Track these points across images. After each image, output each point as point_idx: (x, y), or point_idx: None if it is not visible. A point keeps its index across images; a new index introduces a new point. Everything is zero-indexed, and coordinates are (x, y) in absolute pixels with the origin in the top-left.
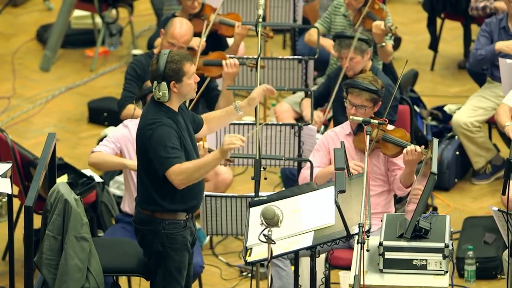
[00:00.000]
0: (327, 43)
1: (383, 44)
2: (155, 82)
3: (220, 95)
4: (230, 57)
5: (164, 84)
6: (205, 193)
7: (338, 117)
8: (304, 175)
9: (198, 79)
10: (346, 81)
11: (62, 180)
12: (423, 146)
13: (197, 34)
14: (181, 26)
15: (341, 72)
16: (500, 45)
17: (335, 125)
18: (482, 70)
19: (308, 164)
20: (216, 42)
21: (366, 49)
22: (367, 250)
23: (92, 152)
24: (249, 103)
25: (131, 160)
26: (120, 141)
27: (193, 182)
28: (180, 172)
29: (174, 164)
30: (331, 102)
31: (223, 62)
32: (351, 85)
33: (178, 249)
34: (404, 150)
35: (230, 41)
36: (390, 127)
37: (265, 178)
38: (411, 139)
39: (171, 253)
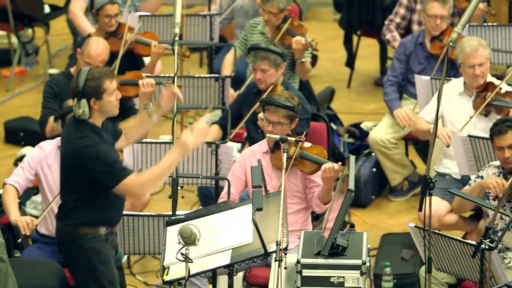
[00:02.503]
0: None
1: (303, 60)
2: (76, 99)
3: (137, 114)
4: (147, 76)
5: (84, 101)
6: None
7: (253, 135)
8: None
9: (120, 96)
10: (263, 98)
11: None
12: (340, 163)
13: (114, 53)
14: (97, 46)
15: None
16: (396, 113)
17: (250, 143)
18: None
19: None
20: (132, 61)
21: (281, 62)
22: (285, 268)
23: (4, 184)
24: (160, 106)
25: (15, 215)
26: (35, 165)
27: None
28: (142, 183)
29: (128, 174)
30: (244, 120)
31: (140, 81)
32: (268, 102)
33: (105, 262)
34: (322, 167)
35: (146, 60)
36: (307, 144)
37: (183, 197)
38: (328, 156)
39: (100, 267)
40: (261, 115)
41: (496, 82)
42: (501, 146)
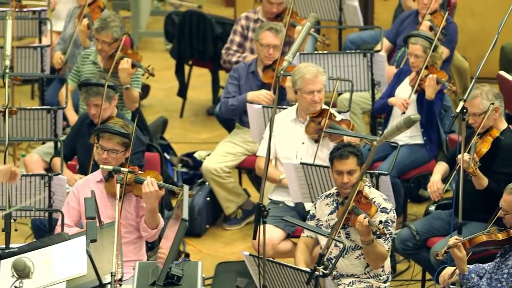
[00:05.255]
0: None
1: (128, 86)
2: None
3: None
4: None
5: None
6: None
7: (86, 166)
8: None
9: None
10: (97, 126)
11: None
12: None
13: None
14: None
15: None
16: (252, 95)
17: (80, 171)
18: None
19: None
20: None
21: (113, 95)
22: None
23: None
24: None
25: None
26: None
27: None
28: None
29: None
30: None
31: None
32: (103, 130)
33: None
34: (145, 182)
35: None
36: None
37: (16, 230)
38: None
39: None
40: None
41: (331, 109)
42: (341, 171)
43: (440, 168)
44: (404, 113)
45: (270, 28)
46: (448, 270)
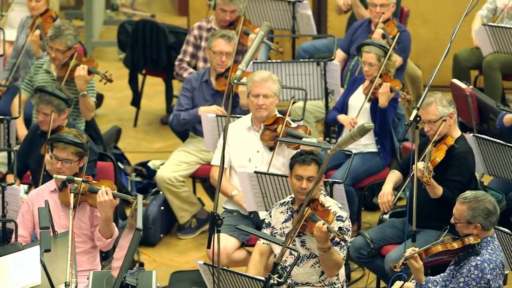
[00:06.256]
0: None
1: (85, 93)
2: None
3: None
4: None
5: None
6: None
7: (37, 177)
8: None
9: None
10: (51, 136)
11: None
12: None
13: None
14: None
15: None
16: (203, 110)
17: (32, 181)
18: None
19: None
20: None
21: (64, 108)
22: None
23: None
24: None
25: None
26: None
27: None
28: None
29: None
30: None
31: None
32: (56, 140)
33: None
34: (99, 192)
35: None
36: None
37: None
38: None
39: None
40: (47, 156)
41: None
42: (301, 176)
43: (393, 177)
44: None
45: (223, 35)
46: (397, 285)
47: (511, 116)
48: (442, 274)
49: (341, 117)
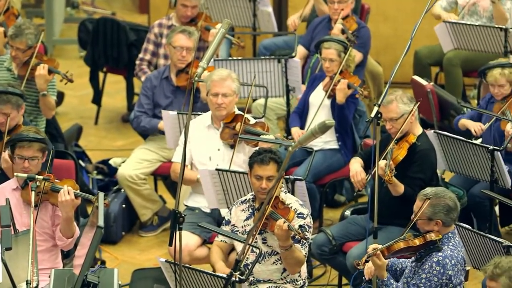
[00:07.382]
0: None
1: (45, 92)
2: None
3: None
4: None
5: None
6: None
7: None
8: None
9: None
10: (11, 137)
11: None
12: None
13: None
14: None
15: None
16: (161, 126)
17: None
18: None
19: None
20: None
21: (21, 103)
22: None
23: None
24: None
25: None
26: None
27: None
28: None
29: None
30: None
31: None
32: (19, 139)
33: None
34: (61, 191)
35: None
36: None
37: None
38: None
39: None
40: (5, 154)
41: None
42: (261, 176)
43: (357, 160)
44: None
45: (183, 30)
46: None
47: (464, 122)
48: (404, 270)
49: (294, 131)
